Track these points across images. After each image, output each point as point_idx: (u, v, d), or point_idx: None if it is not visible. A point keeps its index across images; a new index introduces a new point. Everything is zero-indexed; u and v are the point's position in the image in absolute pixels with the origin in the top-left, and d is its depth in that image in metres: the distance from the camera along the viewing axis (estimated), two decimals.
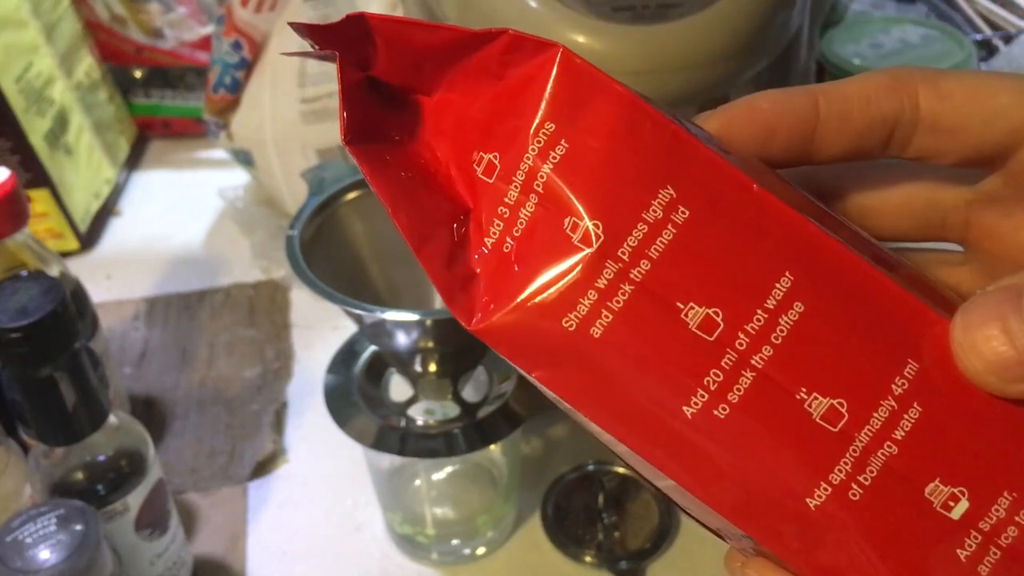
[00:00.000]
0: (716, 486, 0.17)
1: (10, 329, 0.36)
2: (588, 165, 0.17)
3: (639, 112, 0.18)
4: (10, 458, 0.42)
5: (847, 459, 0.17)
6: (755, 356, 0.17)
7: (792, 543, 0.17)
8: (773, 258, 0.17)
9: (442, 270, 0.18)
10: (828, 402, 0.17)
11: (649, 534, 0.50)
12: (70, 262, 0.55)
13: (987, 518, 0.17)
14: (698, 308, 0.17)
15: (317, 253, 0.44)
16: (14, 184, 0.46)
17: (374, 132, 0.18)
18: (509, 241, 0.18)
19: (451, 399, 0.47)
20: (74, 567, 0.35)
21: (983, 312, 0.17)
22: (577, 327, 0.17)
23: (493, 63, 0.18)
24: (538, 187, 0.18)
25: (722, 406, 0.17)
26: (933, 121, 0.20)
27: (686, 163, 0.18)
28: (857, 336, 0.17)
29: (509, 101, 0.18)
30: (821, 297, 0.17)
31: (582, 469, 0.53)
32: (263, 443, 0.56)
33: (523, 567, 0.50)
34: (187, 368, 0.62)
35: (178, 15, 0.83)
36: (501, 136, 0.18)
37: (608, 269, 0.17)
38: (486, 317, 0.18)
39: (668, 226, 0.17)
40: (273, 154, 0.67)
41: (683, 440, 0.17)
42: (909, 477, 0.17)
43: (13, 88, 0.67)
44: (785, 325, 0.17)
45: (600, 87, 0.18)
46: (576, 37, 0.43)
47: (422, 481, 0.52)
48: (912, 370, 0.17)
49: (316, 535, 0.52)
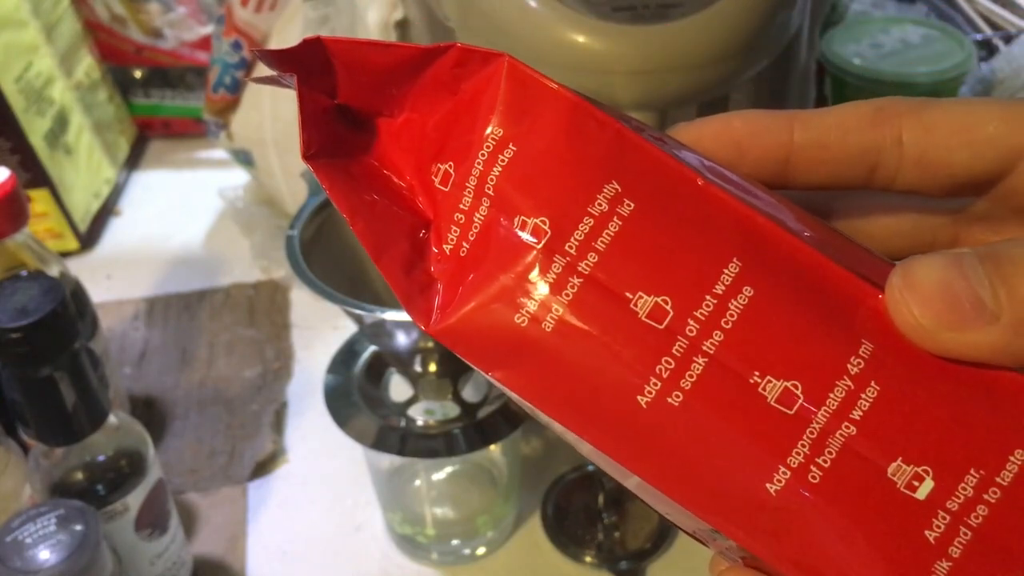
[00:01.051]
0: (675, 476, 0.17)
1: (10, 329, 0.36)
2: (535, 165, 0.18)
3: (583, 113, 0.18)
4: (10, 458, 0.42)
5: (804, 441, 0.17)
6: (706, 342, 0.17)
7: (755, 531, 0.17)
8: (719, 245, 0.17)
9: (401, 277, 0.19)
10: (782, 384, 0.17)
11: (649, 534, 0.50)
12: (70, 262, 0.55)
13: (954, 497, 0.17)
14: (647, 297, 0.17)
15: (317, 253, 0.44)
16: (14, 184, 0.46)
17: (336, 150, 0.19)
18: (465, 245, 0.18)
19: (451, 399, 0.47)
20: (74, 567, 0.35)
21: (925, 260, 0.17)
22: (529, 322, 0.18)
23: (446, 77, 0.19)
24: (489, 190, 0.18)
25: (675, 393, 0.17)
26: (919, 155, 0.20)
27: (630, 159, 0.18)
28: (809, 318, 0.17)
29: (462, 113, 0.19)
30: (770, 281, 0.17)
31: (582, 469, 0.53)
32: (263, 443, 0.56)
33: (523, 567, 0.50)
34: (187, 368, 0.62)
35: (178, 15, 0.83)
36: (455, 146, 0.19)
37: (556, 263, 0.18)
38: (442, 319, 0.18)
39: (614, 219, 0.18)
40: (273, 154, 0.67)
41: (639, 431, 0.17)
42: (870, 458, 0.17)
43: (13, 88, 0.67)
44: (735, 310, 0.17)
45: (545, 92, 0.18)
46: (576, 37, 0.43)
47: (422, 481, 0.52)
48: (867, 350, 0.17)
49: (316, 535, 0.52)
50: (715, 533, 0.18)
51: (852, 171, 0.20)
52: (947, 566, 0.17)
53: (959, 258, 0.17)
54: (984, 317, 0.16)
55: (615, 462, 0.18)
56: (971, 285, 0.16)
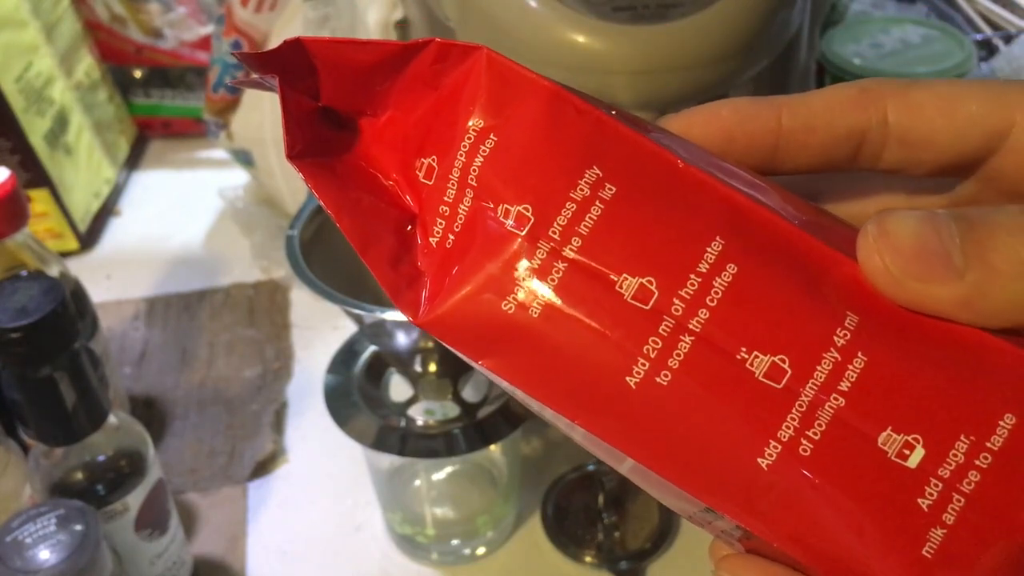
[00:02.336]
0: (667, 456, 0.17)
1: (10, 329, 0.36)
2: (516, 154, 0.18)
3: (562, 101, 0.18)
4: (10, 458, 0.42)
5: (794, 414, 0.17)
6: (692, 320, 0.17)
7: (750, 508, 0.17)
8: (702, 225, 0.18)
9: (387, 271, 0.19)
10: (769, 359, 0.17)
11: (649, 534, 0.50)
12: (70, 262, 0.55)
13: (946, 464, 0.17)
14: (632, 278, 0.17)
15: (317, 253, 0.44)
16: (14, 184, 0.46)
17: (321, 150, 0.19)
18: (451, 237, 0.19)
19: (451, 399, 0.47)
20: (74, 567, 0.35)
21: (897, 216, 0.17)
22: (516, 309, 0.18)
23: (427, 73, 0.19)
24: (472, 181, 0.18)
25: (664, 373, 0.17)
26: (903, 134, 0.20)
27: (611, 145, 0.18)
28: (794, 293, 0.17)
29: (443, 108, 0.19)
30: (753, 258, 0.17)
31: (582, 469, 0.53)
32: (263, 443, 0.56)
33: (523, 567, 0.50)
34: (187, 368, 0.62)
35: (178, 15, 0.83)
36: (437, 140, 0.19)
37: (540, 249, 0.18)
38: (430, 310, 0.18)
39: (596, 203, 0.18)
40: (273, 154, 0.67)
41: (630, 412, 0.17)
42: (860, 428, 0.17)
43: (13, 88, 0.67)
44: (719, 287, 0.17)
45: (524, 82, 0.18)
46: (576, 37, 0.43)
47: (422, 481, 0.52)
48: (853, 321, 0.17)
49: (316, 535, 0.52)
50: (710, 513, 0.18)
51: (839, 153, 0.20)
52: (942, 533, 0.17)
53: (934, 215, 0.17)
54: (951, 272, 0.17)
55: (608, 445, 0.18)
56: (942, 241, 0.17)
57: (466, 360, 0.19)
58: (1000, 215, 0.17)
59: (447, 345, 0.18)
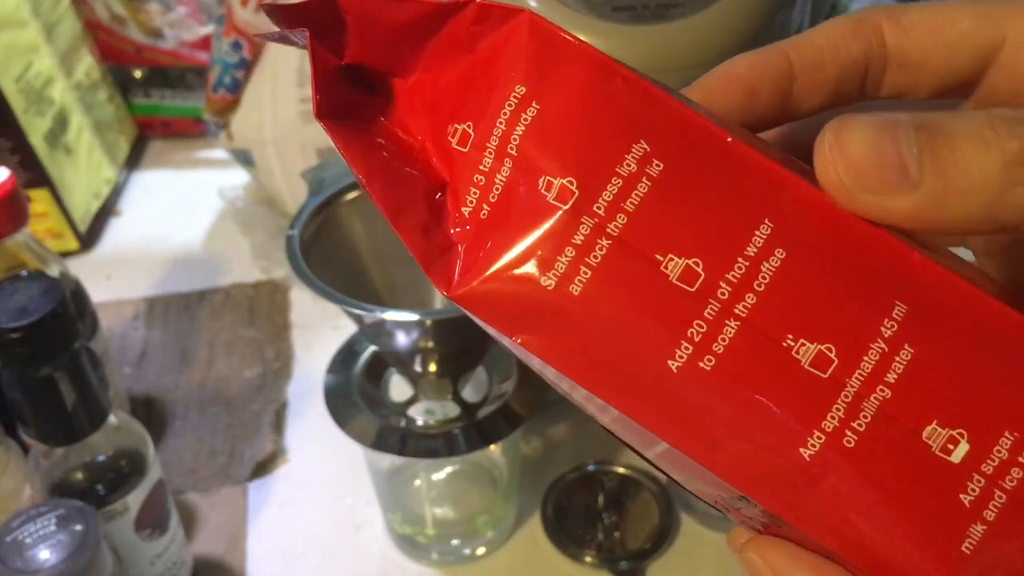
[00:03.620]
0: (706, 444, 0.17)
1: (10, 329, 0.36)
2: (560, 125, 0.17)
3: (609, 70, 0.17)
4: (10, 458, 0.42)
5: (839, 405, 0.17)
6: (738, 305, 0.17)
7: (789, 498, 0.17)
8: (751, 206, 0.17)
9: (419, 239, 0.18)
10: (816, 348, 0.17)
11: (649, 534, 0.50)
12: (70, 262, 0.55)
13: (989, 460, 0.16)
14: (677, 259, 0.17)
15: (317, 253, 0.44)
16: (14, 184, 0.46)
17: (349, 112, 0.18)
18: (486, 207, 0.18)
19: (451, 399, 0.47)
20: (74, 567, 0.35)
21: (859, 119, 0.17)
22: (556, 286, 0.17)
23: (463, 35, 0.18)
24: (511, 150, 0.17)
25: (707, 358, 0.17)
26: (901, 57, 0.20)
27: (658, 118, 0.17)
28: (842, 280, 0.17)
29: (480, 71, 0.18)
30: (802, 243, 0.17)
31: (582, 469, 0.53)
32: (263, 443, 0.56)
33: (523, 567, 0.50)
34: (187, 368, 0.62)
35: (178, 15, 0.83)
36: (473, 106, 0.18)
37: (584, 225, 0.17)
38: (464, 283, 0.18)
39: (643, 179, 0.17)
40: (273, 154, 0.67)
41: (670, 396, 0.17)
42: (905, 421, 0.17)
43: (13, 88, 0.67)
44: (767, 272, 0.17)
45: (569, 49, 0.18)
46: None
47: (422, 481, 0.52)
48: (901, 311, 0.17)
49: (316, 535, 0.52)
50: (743, 500, 0.17)
51: (847, 86, 0.20)
52: (982, 529, 0.16)
53: (895, 123, 0.17)
54: (905, 184, 0.16)
55: (643, 428, 0.17)
56: (899, 151, 0.16)
57: (496, 336, 0.18)
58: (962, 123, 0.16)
59: (479, 320, 0.18)
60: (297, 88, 0.65)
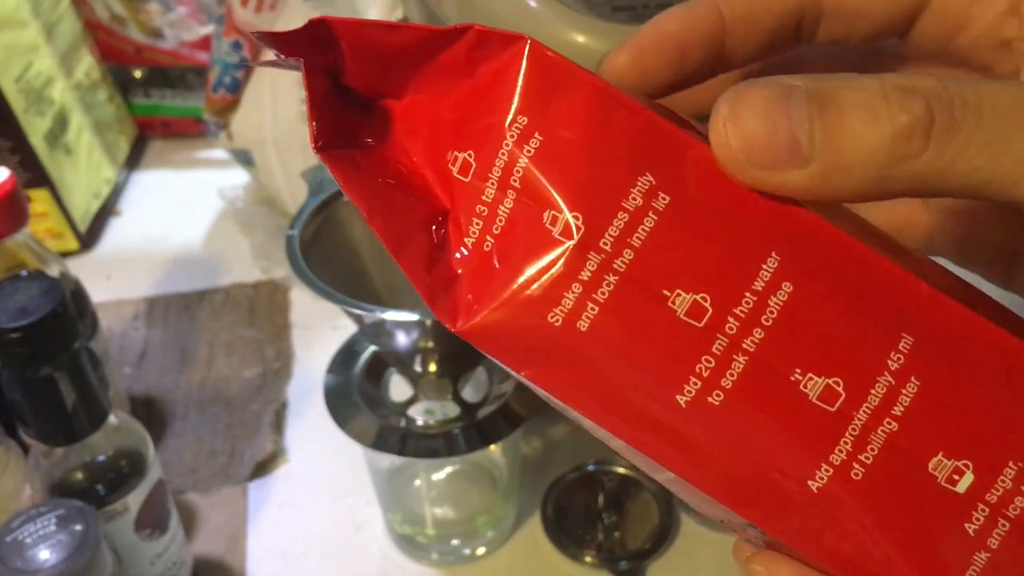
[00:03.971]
0: (716, 475, 0.17)
1: (10, 329, 0.36)
2: (564, 156, 0.17)
3: (612, 100, 0.17)
4: (10, 458, 0.42)
5: (847, 438, 0.17)
6: (746, 340, 0.17)
7: (797, 528, 0.17)
8: (758, 239, 0.17)
9: (422, 273, 0.18)
10: (824, 382, 0.17)
11: (649, 534, 0.50)
12: (70, 262, 0.55)
13: (993, 490, 0.17)
14: (685, 295, 0.17)
15: (317, 253, 0.44)
16: (14, 184, 0.46)
17: (346, 138, 0.18)
18: (489, 239, 0.18)
19: (451, 399, 0.47)
20: (74, 567, 0.35)
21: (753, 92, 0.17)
22: (563, 322, 0.17)
23: (461, 61, 0.18)
24: (515, 182, 0.17)
25: (716, 393, 0.17)
26: (837, 5, 0.20)
27: (663, 149, 0.17)
28: (848, 313, 0.17)
29: (480, 98, 0.18)
30: (809, 276, 0.17)
31: (582, 469, 0.53)
32: (263, 443, 0.56)
33: (523, 567, 0.50)
34: (187, 368, 0.62)
35: (178, 15, 0.83)
36: (474, 134, 0.18)
37: (591, 261, 0.17)
38: (470, 317, 0.18)
39: (649, 213, 0.17)
40: (273, 154, 0.67)
41: (679, 430, 0.17)
42: (911, 453, 0.17)
43: (13, 88, 0.67)
44: (775, 307, 0.17)
45: (571, 77, 0.17)
46: (576, 37, 0.43)
47: (422, 481, 0.52)
48: (907, 344, 0.17)
49: (316, 535, 0.52)
50: (751, 527, 0.18)
51: (780, 36, 0.20)
52: (985, 557, 0.17)
53: (789, 93, 0.16)
54: (796, 160, 0.16)
55: (651, 459, 0.17)
56: (791, 126, 0.16)
57: (505, 369, 0.18)
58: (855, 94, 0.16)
59: (487, 354, 0.18)
60: (297, 88, 0.65)
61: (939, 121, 0.16)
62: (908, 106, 0.16)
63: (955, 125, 0.16)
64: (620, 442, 0.18)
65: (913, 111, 0.16)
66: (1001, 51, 0.20)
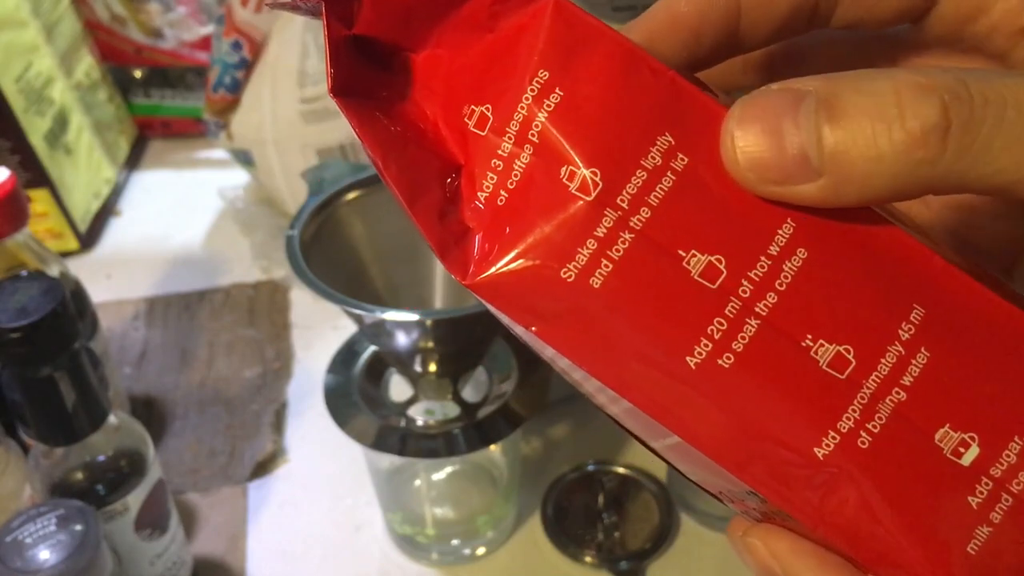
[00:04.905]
0: (721, 437, 0.17)
1: (10, 329, 0.36)
2: (584, 113, 0.17)
3: (636, 59, 0.17)
4: (10, 458, 0.42)
5: (855, 406, 0.17)
6: (759, 303, 0.17)
7: (800, 495, 0.17)
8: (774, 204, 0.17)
9: (435, 225, 0.18)
10: (835, 349, 0.17)
11: (649, 534, 0.50)
12: (70, 262, 0.55)
13: (998, 464, 0.17)
14: (700, 256, 0.17)
15: (317, 253, 0.44)
16: (14, 184, 0.46)
17: (362, 88, 0.18)
18: (503, 194, 0.17)
19: (451, 399, 0.47)
20: (74, 567, 0.35)
21: (761, 106, 0.17)
22: (576, 278, 0.17)
23: (483, 14, 0.18)
24: (533, 137, 0.17)
25: (726, 355, 0.17)
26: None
27: (684, 110, 0.17)
28: (861, 282, 0.17)
29: (500, 53, 0.18)
30: (824, 243, 0.17)
31: (582, 469, 0.53)
32: (263, 443, 0.56)
33: (523, 567, 0.50)
34: (187, 368, 0.62)
35: (178, 15, 0.83)
36: (493, 88, 0.18)
37: (607, 217, 0.17)
38: (481, 271, 0.17)
39: (668, 173, 0.17)
40: (273, 154, 0.67)
41: (686, 391, 0.17)
42: (918, 424, 0.17)
43: (13, 88, 0.67)
44: (789, 272, 0.17)
45: (596, 34, 0.17)
46: None
47: (422, 481, 0.52)
48: (918, 315, 0.17)
49: (316, 535, 0.52)
50: (752, 495, 0.18)
51: (796, 20, 0.20)
52: (987, 531, 0.17)
53: (798, 100, 0.16)
54: (807, 175, 0.16)
55: (656, 422, 0.17)
56: (800, 139, 0.16)
57: (511, 326, 0.18)
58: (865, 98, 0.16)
59: (494, 309, 0.18)
60: (297, 88, 0.65)
61: (957, 123, 0.15)
62: (922, 109, 0.15)
63: (975, 126, 0.15)
64: (625, 403, 0.17)
65: (928, 115, 0.15)
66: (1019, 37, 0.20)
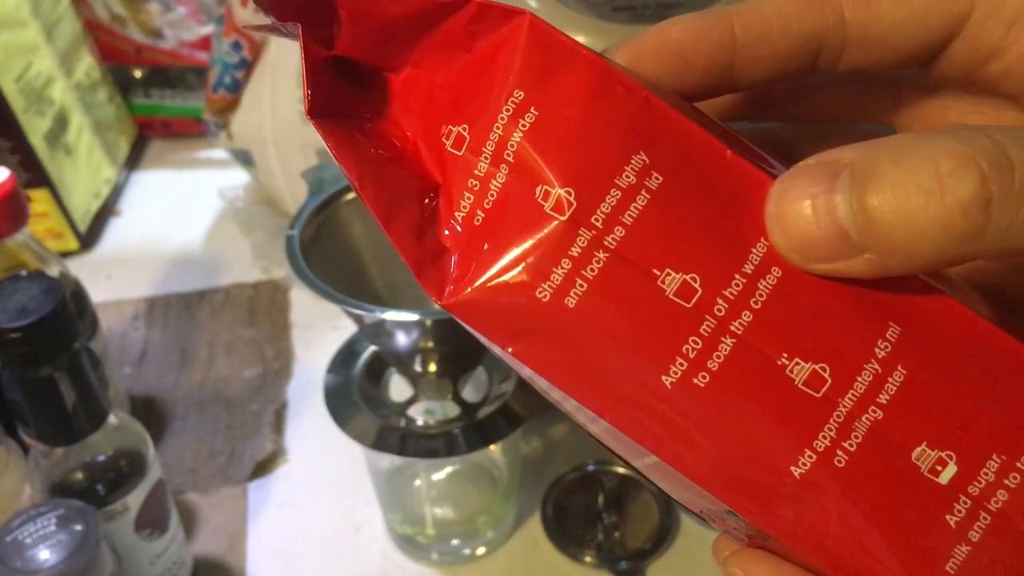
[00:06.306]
0: (698, 458, 0.17)
1: (10, 329, 0.36)
2: (559, 132, 0.17)
3: (610, 78, 0.17)
4: (10, 458, 0.42)
5: (831, 425, 0.17)
6: (734, 322, 0.17)
7: (778, 515, 0.17)
8: (749, 223, 0.17)
9: (412, 244, 0.18)
10: (810, 367, 0.17)
11: (649, 534, 0.50)
12: (70, 262, 0.55)
13: (976, 482, 0.17)
14: (675, 274, 0.17)
15: (317, 253, 0.44)
16: (14, 184, 0.46)
17: (340, 109, 0.18)
18: (480, 214, 0.17)
19: (451, 399, 0.47)
20: (74, 567, 0.35)
21: (798, 185, 0.16)
22: (551, 298, 0.17)
23: (460, 34, 0.18)
24: (508, 157, 0.17)
25: (702, 374, 0.17)
26: (863, 33, 0.19)
27: (658, 129, 0.17)
28: (837, 301, 0.17)
29: (477, 72, 0.18)
30: None
31: (582, 469, 0.53)
32: (263, 443, 0.56)
33: (523, 567, 0.50)
34: (187, 368, 0.62)
35: (178, 15, 0.83)
36: (470, 108, 0.18)
37: (581, 237, 0.17)
38: (457, 291, 0.17)
39: (642, 192, 0.17)
40: (273, 154, 0.67)
41: (662, 411, 0.17)
42: (895, 442, 0.17)
43: (13, 88, 0.67)
44: (764, 290, 0.17)
45: (570, 54, 0.17)
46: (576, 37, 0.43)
47: (422, 481, 0.52)
48: (895, 332, 0.17)
49: (316, 535, 0.52)
50: (731, 514, 0.18)
51: (797, 60, 0.20)
52: (966, 550, 0.17)
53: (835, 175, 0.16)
54: (849, 251, 0.16)
55: (633, 442, 0.17)
56: (839, 219, 0.16)
57: (488, 344, 0.18)
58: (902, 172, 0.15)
59: (471, 328, 0.18)
60: (297, 88, 0.65)
61: (998, 194, 0.15)
62: (961, 184, 0.15)
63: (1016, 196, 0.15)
64: (603, 423, 0.17)
65: (967, 189, 0.15)
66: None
